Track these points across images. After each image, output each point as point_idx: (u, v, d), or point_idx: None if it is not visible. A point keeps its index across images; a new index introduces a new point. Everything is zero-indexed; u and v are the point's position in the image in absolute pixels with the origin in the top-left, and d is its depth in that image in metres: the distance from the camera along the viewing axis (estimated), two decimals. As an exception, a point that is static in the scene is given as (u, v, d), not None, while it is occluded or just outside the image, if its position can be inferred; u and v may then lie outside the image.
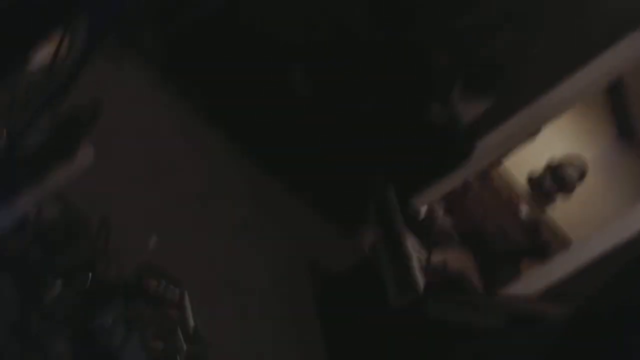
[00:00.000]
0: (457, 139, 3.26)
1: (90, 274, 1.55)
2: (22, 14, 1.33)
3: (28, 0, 1.32)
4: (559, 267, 3.43)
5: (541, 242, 4.59)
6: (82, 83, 1.52)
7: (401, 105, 3.01)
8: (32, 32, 1.43)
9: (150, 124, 2.59)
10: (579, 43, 3.29)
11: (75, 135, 1.27)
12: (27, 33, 1.42)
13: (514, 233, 4.60)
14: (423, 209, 3.85)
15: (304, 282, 2.94)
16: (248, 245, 2.68)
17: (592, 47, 3.26)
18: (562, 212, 5.00)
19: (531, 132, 3.91)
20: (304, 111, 3.01)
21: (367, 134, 3.13)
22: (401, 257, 2.59)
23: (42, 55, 1.79)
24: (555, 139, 5.10)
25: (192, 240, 2.34)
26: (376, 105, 2.97)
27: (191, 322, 1.94)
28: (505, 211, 4.34)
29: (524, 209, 4.79)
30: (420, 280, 2.49)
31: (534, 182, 5.03)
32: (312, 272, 3.04)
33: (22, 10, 1.32)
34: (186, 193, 2.49)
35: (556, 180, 4.95)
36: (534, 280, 3.54)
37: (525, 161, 5.07)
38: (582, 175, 4.96)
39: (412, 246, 2.69)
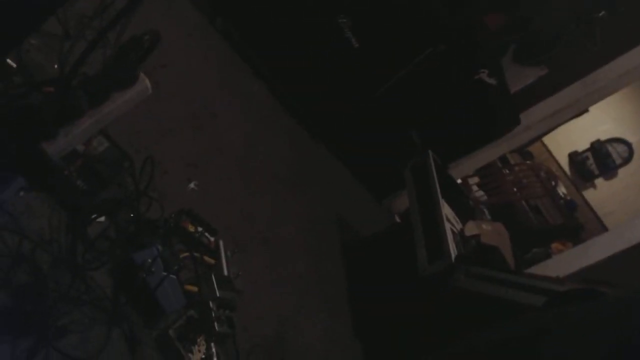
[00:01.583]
0: (501, 108, 3.14)
1: (132, 212, 1.56)
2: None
3: None
4: (593, 252, 3.35)
5: (576, 224, 4.49)
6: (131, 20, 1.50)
7: (447, 68, 2.90)
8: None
9: (195, 66, 2.56)
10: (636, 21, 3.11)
11: (133, 64, 1.26)
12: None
13: (548, 212, 4.50)
14: (458, 180, 3.77)
15: (334, 242, 2.94)
16: (283, 201, 2.68)
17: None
18: (601, 195, 4.85)
19: (579, 109, 3.74)
20: (348, 71, 2.93)
21: (410, 98, 3.04)
22: (434, 226, 2.55)
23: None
24: (601, 120, 4.90)
25: (229, 190, 2.34)
26: (421, 67, 2.87)
27: (225, 270, 1.95)
28: (542, 189, 4.22)
29: (562, 189, 4.66)
30: (452, 250, 2.45)
31: (576, 162, 4.88)
32: (343, 234, 3.03)
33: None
34: (227, 142, 2.48)
35: (599, 162, 4.79)
36: (566, 262, 3.47)
37: (568, 140, 4.91)
38: (626, 159, 4.78)
39: (447, 216, 2.63)
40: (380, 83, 2.97)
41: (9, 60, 1.20)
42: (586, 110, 4.01)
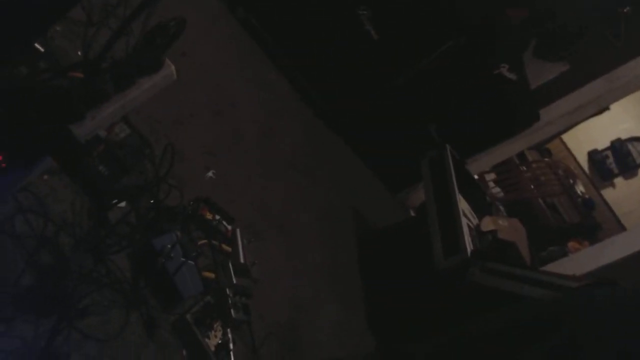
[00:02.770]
0: (521, 104, 3.10)
1: (152, 198, 1.58)
2: None
3: None
4: (611, 251, 3.30)
5: (593, 223, 4.43)
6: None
7: (467, 62, 2.87)
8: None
9: (215, 55, 2.57)
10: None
11: (159, 50, 1.27)
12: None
13: (566, 211, 4.44)
14: (475, 176, 3.74)
15: (349, 234, 2.94)
16: (299, 192, 2.69)
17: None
18: (619, 194, 4.78)
19: (600, 106, 3.67)
20: (367, 63, 2.91)
21: (428, 92, 3.02)
22: (451, 220, 2.53)
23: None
24: (622, 118, 4.82)
25: (246, 179, 2.35)
26: (441, 60, 2.84)
27: (241, 258, 1.97)
28: (559, 187, 4.17)
29: (580, 187, 4.61)
30: (468, 245, 2.43)
31: (595, 160, 4.82)
32: (358, 226, 3.03)
33: None
34: (245, 131, 2.49)
35: (619, 161, 4.72)
36: (582, 261, 3.43)
37: (588, 138, 4.85)
38: (647, 158, 4.70)
39: (463, 210, 2.62)
40: (399, 76, 2.95)
41: (36, 45, 1.22)
42: (607, 108, 3.93)
